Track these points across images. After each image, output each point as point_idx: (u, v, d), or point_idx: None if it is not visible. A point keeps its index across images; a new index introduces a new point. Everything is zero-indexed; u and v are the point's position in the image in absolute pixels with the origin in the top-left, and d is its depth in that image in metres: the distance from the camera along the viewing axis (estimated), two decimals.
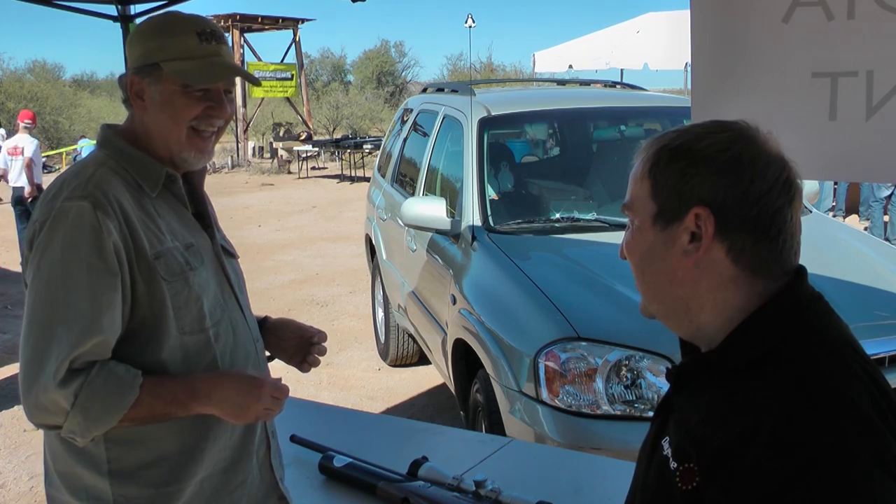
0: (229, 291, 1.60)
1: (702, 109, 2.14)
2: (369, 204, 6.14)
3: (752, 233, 1.00)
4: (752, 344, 0.99)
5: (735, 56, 2.08)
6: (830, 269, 3.39)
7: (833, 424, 0.89)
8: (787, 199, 1.00)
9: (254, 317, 1.73)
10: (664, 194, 1.03)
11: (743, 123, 1.05)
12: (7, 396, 5.23)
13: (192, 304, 1.47)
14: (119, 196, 1.42)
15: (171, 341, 1.45)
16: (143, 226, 1.43)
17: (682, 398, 1.06)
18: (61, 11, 3.61)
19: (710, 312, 1.03)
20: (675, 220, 1.02)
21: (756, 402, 0.93)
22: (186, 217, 1.56)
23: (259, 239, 10.78)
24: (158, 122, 1.49)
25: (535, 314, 3.15)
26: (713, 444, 0.94)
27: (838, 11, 1.92)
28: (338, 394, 5.24)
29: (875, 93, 1.89)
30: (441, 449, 2.18)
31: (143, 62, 1.48)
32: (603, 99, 5.26)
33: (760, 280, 1.01)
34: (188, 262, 1.48)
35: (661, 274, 1.05)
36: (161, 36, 1.49)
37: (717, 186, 1.00)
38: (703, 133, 1.04)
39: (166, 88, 1.47)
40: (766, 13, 2.02)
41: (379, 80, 37.81)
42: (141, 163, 1.50)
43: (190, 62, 1.47)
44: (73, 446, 1.45)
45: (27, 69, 36.26)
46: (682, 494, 0.96)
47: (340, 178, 17.93)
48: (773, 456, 0.88)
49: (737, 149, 1.01)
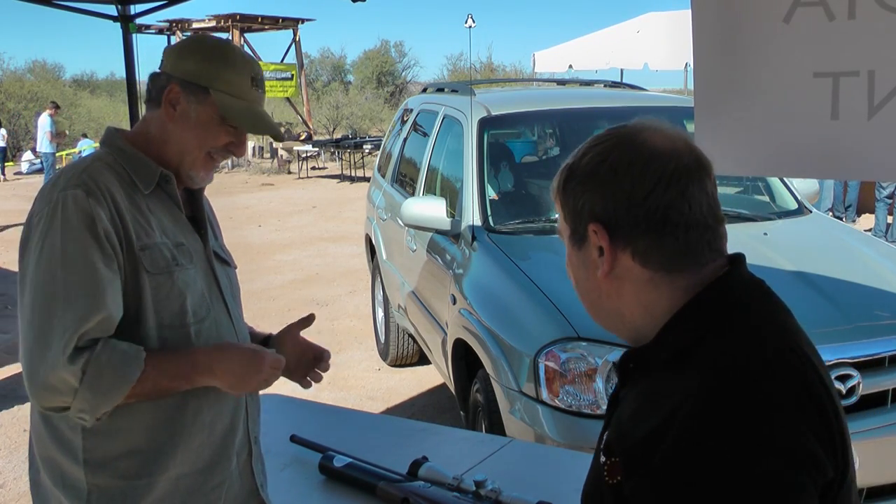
0: (217, 295, 1.62)
1: (705, 111, 2.15)
2: (369, 204, 6.14)
3: (648, 233, 0.99)
4: (678, 337, 0.99)
5: (737, 57, 2.08)
6: (830, 269, 3.39)
7: (744, 419, 0.88)
8: (677, 190, 0.99)
9: (245, 326, 1.74)
10: (570, 216, 1.06)
11: (629, 126, 1.06)
12: (7, 396, 5.23)
13: (174, 298, 1.50)
14: (111, 187, 1.46)
15: (150, 332, 1.47)
16: (132, 218, 1.47)
17: (625, 392, 1.07)
18: (61, 11, 3.62)
19: (642, 316, 1.03)
20: (583, 238, 1.04)
21: (672, 396, 0.93)
22: (179, 218, 1.58)
23: (259, 239, 10.78)
24: (183, 137, 1.54)
25: (535, 314, 3.14)
26: (634, 438, 0.94)
27: (839, 12, 1.92)
28: (338, 394, 5.24)
29: (876, 92, 1.89)
30: (441, 449, 2.18)
31: (193, 79, 1.53)
32: (603, 99, 5.26)
33: (679, 276, 1.00)
34: (175, 258, 1.51)
35: (592, 290, 1.07)
36: (219, 65, 1.54)
37: (604, 199, 1.01)
38: (586, 149, 1.06)
39: (205, 112, 1.53)
40: (766, 14, 2.02)
41: (379, 80, 37.80)
42: (137, 161, 1.54)
43: (238, 102, 1.54)
44: (55, 433, 1.49)
45: (27, 69, 36.24)
46: (608, 488, 0.96)
47: (340, 178, 17.93)
48: (684, 449, 0.88)
49: (614, 156, 1.02)
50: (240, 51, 1.64)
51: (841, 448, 0.93)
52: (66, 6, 3.58)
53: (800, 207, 4.27)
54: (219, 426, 1.58)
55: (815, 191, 4.51)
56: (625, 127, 1.06)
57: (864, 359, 2.90)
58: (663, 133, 1.03)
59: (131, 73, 3.71)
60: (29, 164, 20.35)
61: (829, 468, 0.90)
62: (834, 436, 0.92)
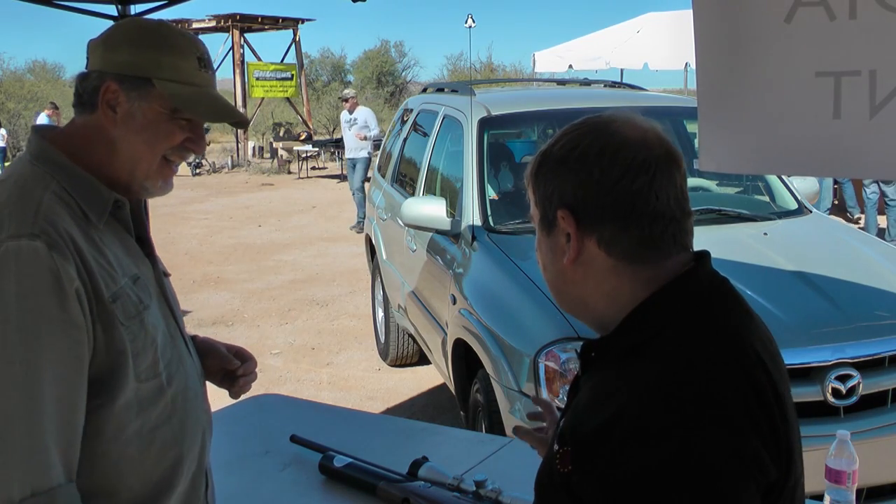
0: (174, 324, 1.42)
1: (707, 111, 2.15)
2: (369, 204, 6.14)
3: (614, 221, 1.00)
4: (637, 330, 1.00)
5: (739, 57, 2.08)
6: (831, 268, 3.39)
7: (689, 419, 0.89)
8: (644, 180, 0.99)
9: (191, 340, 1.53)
10: (540, 202, 1.07)
11: (603, 116, 1.06)
12: None
13: (148, 347, 1.29)
14: (71, 231, 1.20)
15: (128, 392, 1.26)
16: (96, 264, 1.22)
17: (584, 380, 1.07)
18: (61, 11, 3.61)
19: (604, 304, 1.04)
20: (553, 224, 1.05)
21: (623, 391, 0.94)
22: (130, 244, 1.36)
23: (259, 239, 10.77)
24: (131, 143, 1.30)
25: (534, 314, 3.14)
26: (585, 430, 0.95)
27: (840, 11, 1.93)
28: (338, 394, 5.24)
29: (878, 92, 1.89)
30: (441, 449, 2.17)
31: (131, 72, 1.28)
32: (603, 99, 5.26)
33: (642, 268, 1.01)
34: (140, 299, 1.30)
35: (557, 276, 1.08)
36: (159, 49, 1.30)
37: (574, 185, 1.02)
38: (561, 135, 1.07)
39: (152, 109, 1.29)
40: (767, 14, 2.03)
41: (379, 80, 37.77)
42: (86, 187, 1.27)
43: (188, 88, 1.31)
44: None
45: (27, 69, 36.22)
46: (559, 476, 0.97)
47: (340, 178, 17.91)
48: (630, 447, 0.89)
49: (585, 143, 1.03)
50: (177, 30, 1.37)
51: (786, 450, 0.95)
52: (66, 6, 3.58)
53: (800, 207, 4.27)
54: (192, 466, 1.42)
55: (815, 191, 4.51)
56: (599, 116, 1.07)
57: (864, 359, 2.90)
58: (635, 124, 1.04)
59: None
60: None
61: (772, 469, 0.92)
62: (779, 438, 0.94)
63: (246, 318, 7.07)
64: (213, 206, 14.02)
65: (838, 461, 1.78)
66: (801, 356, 2.84)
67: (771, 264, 3.36)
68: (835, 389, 2.84)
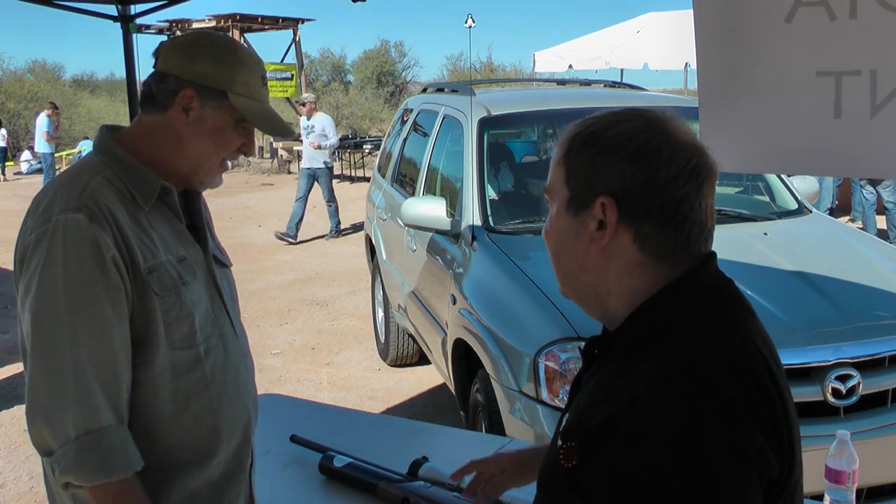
0: (220, 305, 1.57)
1: (708, 110, 2.16)
2: (369, 204, 6.13)
3: (657, 220, 1.00)
4: (644, 324, 1.00)
5: (740, 56, 2.09)
6: (831, 269, 3.39)
7: (695, 415, 0.89)
8: (694, 185, 1.00)
9: (244, 329, 1.70)
10: (575, 181, 1.04)
11: (657, 112, 1.05)
12: (7, 397, 5.23)
13: (183, 319, 1.45)
14: (112, 208, 1.39)
15: (162, 357, 1.43)
16: (136, 239, 1.40)
17: (588, 376, 1.07)
18: (61, 11, 3.61)
19: (616, 297, 1.04)
20: (585, 207, 1.03)
21: (628, 387, 0.94)
22: (180, 229, 1.53)
23: (259, 239, 10.77)
24: (198, 144, 1.48)
25: (534, 314, 3.14)
26: (590, 425, 0.95)
27: (840, 11, 1.93)
28: (338, 394, 5.24)
29: (879, 91, 1.90)
30: (441, 449, 2.17)
31: (208, 84, 1.46)
32: (603, 99, 5.25)
33: (665, 265, 1.01)
34: (181, 276, 1.46)
35: (573, 260, 1.06)
36: (234, 66, 1.48)
37: (624, 174, 1.00)
38: (615, 121, 1.05)
39: (222, 117, 1.47)
40: (768, 14, 2.03)
41: (379, 80, 37.76)
42: (137, 175, 1.46)
43: (255, 103, 1.50)
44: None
45: (27, 69, 36.12)
46: (563, 472, 0.97)
47: (340, 178, 17.92)
48: (636, 442, 0.89)
49: (645, 137, 1.01)
50: (246, 49, 1.57)
51: (788, 448, 0.96)
52: (66, 6, 3.58)
53: (800, 207, 4.27)
54: (234, 440, 1.56)
55: (815, 191, 4.51)
56: (652, 111, 1.05)
57: (864, 359, 2.90)
58: (687, 129, 1.05)
59: (131, 74, 3.70)
60: (28, 164, 20.33)
61: (775, 466, 0.93)
62: (782, 435, 0.95)
63: (246, 317, 7.07)
64: (214, 206, 13.79)
65: (838, 461, 1.78)
66: (801, 356, 2.84)
67: (771, 264, 3.36)
68: (835, 389, 2.84)
